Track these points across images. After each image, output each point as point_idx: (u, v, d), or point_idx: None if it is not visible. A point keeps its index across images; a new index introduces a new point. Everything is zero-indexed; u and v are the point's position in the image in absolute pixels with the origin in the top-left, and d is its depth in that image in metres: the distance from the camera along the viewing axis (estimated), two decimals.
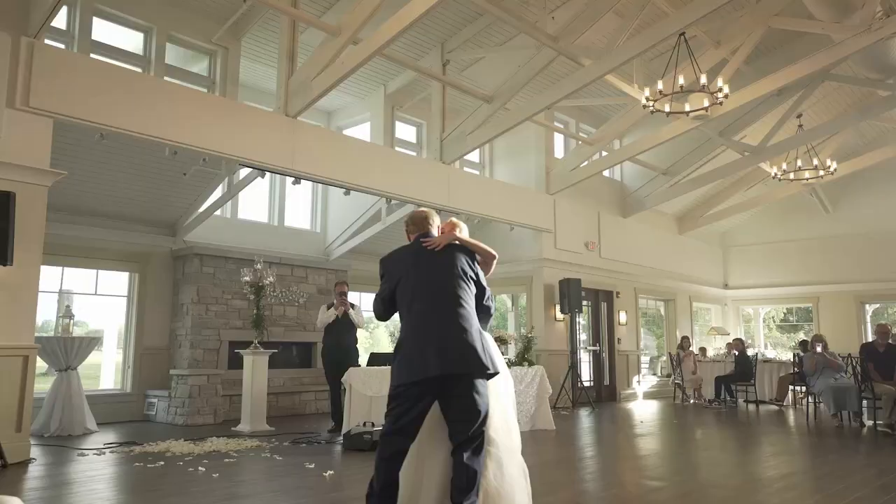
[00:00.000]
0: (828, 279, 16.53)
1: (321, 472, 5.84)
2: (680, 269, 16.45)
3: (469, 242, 3.90)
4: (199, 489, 5.22)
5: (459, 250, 3.83)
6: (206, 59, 10.08)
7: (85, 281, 9.85)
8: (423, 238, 3.89)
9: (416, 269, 3.77)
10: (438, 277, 3.71)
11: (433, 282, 3.70)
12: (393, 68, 11.33)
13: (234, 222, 11.47)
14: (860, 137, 15.66)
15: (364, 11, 7.77)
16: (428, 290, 3.69)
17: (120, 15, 9.12)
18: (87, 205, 9.39)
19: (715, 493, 5.30)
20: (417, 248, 3.85)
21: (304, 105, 8.60)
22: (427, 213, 4.05)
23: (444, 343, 3.53)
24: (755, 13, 10.51)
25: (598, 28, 9.95)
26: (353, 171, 9.40)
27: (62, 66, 6.86)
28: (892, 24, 9.34)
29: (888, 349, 9.46)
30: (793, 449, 7.84)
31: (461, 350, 3.52)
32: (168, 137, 7.56)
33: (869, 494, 5.21)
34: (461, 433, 3.49)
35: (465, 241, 3.89)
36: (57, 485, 5.45)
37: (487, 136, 10.80)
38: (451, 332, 3.56)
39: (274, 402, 10.20)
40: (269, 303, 10.52)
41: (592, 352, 13.95)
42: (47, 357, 8.30)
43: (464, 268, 3.75)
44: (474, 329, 3.59)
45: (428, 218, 4.00)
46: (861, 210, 16.44)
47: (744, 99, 10.78)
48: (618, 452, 7.60)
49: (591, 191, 13.99)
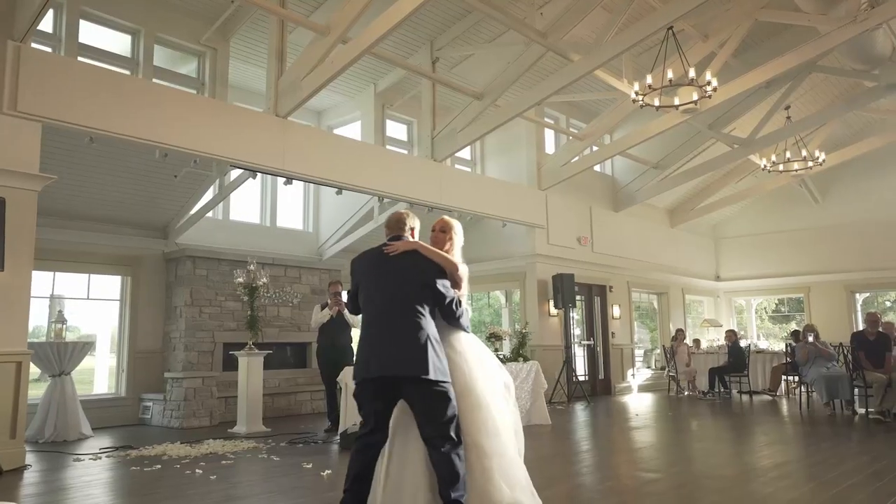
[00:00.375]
0: (818, 269, 16.63)
1: (319, 471, 5.85)
2: (672, 261, 16.52)
3: (429, 251, 3.84)
4: (197, 491, 5.23)
5: (418, 257, 3.81)
6: (194, 60, 10.04)
7: (77, 285, 9.81)
8: (391, 241, 3.92)
9: (374, 273, 3.87)
10: (391, 283, 3.78)
11: (386, 287, 3.78)
12: (382, 66, 11.32)
13: (227, 224, 11.45)
14: (847, 128, 15.75)
15: (353, 10, 7.76)
16: (381, 294, 3.79)
17: (107, 17, 9.07)
18: (78, 209, 9.35)
19: (709, 483, 5.34)
20: (379, 252, 3.91)
21: (295, 105, 8.59)
22: (402, 215, 4.05)
23: (386, 347, 3.65)
24: (742, 6, 10.56)
25: (586, 23, 9.97)
26: (344, 170, 9.39)
27: (50, 70, 6.83)
28: (877, 14, 9.39)
29: (878, 337, 9.54)
30: (786, 438, 7.91)
31: (399, 355, 3.60)
32: (158, 140, 7.54)
33: (862, 481, 5.26)
34: (426, 432, 3.59)
35: (425, 250, 3.84)
36: (53, 490, 5.44)
37: (478, 133, 10.81)
38: (395, 336, 3.65)
39: (269, 402, 10.19)
40: (263, 304, 10.52)
41: (587, 346, 13.99)
42: (40, 363, 8.26)
43: (420, 275, 3.76)
44: (421, 335, 3.61)
45: (401, 220, 4.01)
46: (850, 200, 16.54)
47: (732, 92, 10.82)
48: (613, 445, 7.65)
49: (583, 186, 14.02)
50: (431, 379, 3.54)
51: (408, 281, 3.74)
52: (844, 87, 14.13)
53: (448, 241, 4.06)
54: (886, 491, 4.89)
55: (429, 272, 3.77)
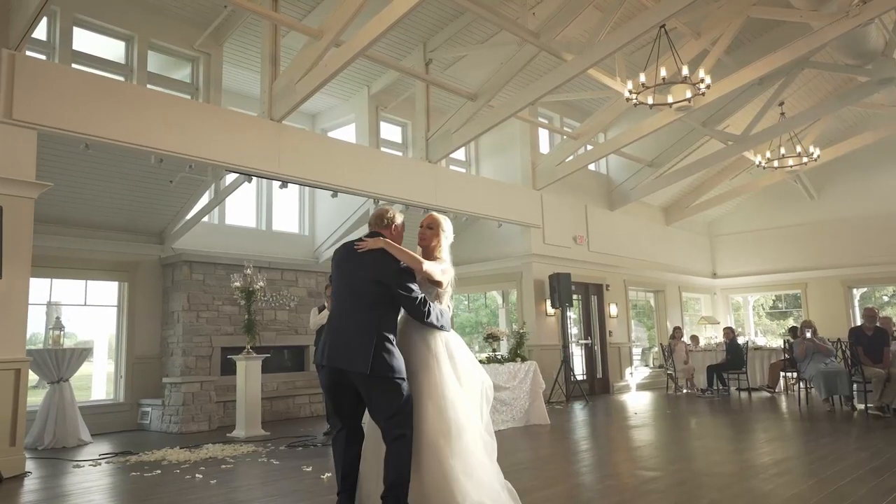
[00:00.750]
0: (815, 265, 16.68)
1: (318, 474, 5.85)
2: (668, 259, 16.56)
3: (395, 250, 3.83)
4: (197, 496, 5.23)
5: (382, 255, 3.81)
6: (188, 65, 10.05)
7: (74, 292, 9.80)
8: (367, 236, 3.97)
9: (343, 266, 3.98)
10: (353, 278, 3.88)
11: (349, 282, 3.90)
12: (376, 69, 11.34)
13: (223, 228, 11.44)
14: (841, 123, 15.82)
15: (346, 13, 7.78)
16: (344, 288, 3.93)
17: (101, 24, 9.08)
18: (74, 215, 9.35)
19: (709, 480, 5.35)
20: (350, 248, 3.97)
21: (289, 109, 8.60)
22: (384, 211, 4.08)
23: (337, 339, 3.78)
24: (734, 3, 10.59)
25: (578, 23, 9.98)
26: (339, 173, 9.40)
27: (44, 78, 6.83)
28: (869, 10, 9.43)
29: (876, 332, 9.57)
30: (785, 435, 7.93)
31: (345, 348, 3.73)
32: (153, 145, 7.54)
33: (861, 477, 5.28)
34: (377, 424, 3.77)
35: (392, 248, 3.83)
36: (54, 497, 5.44)
37: (472, 134, 10.82)
38: (347, 330, 3.77)
39: (268, 406, 10.20)
40: (260, 307, 10.53)
41: (584, 345, 14.01)
42: (38, 369, 8.25)
43: (378, 273, 3.79)
44: (370, 332, 3.69)
45: (382, 217, 4.04)
46: (845, 195, 16.59)
47: (726, 89, 10.86)
48: (612, 444, 7.66)
49: (578, 185, 14.05)
50: (371, 374, 3.63)
51: (367, 278, 3.82)
52: (838, 83, 14.18)
53: (434, 237, 4.05)
54: (886, 487, 4.91)
55: (388, 271, 3.78)
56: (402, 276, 3.79)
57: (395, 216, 4.06)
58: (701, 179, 16.43)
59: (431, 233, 4.06)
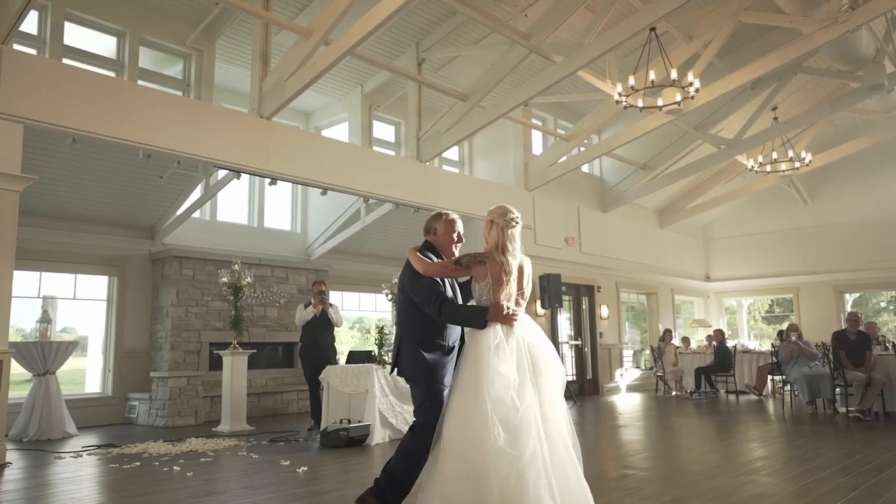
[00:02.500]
0: (807, 269, 16.71)
1: (295, 468, 5.91)
2: (661, 262, 16.57)
3: (410, 255, 3.99)
4: (173, 487, 5.29)
5: (407, 264, 4.01)
6: (180, 61, 10.11)
7: (64, 285, 9.86)
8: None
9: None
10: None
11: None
12: (369, 68, 11.39)
13: (214, 224, 11.50)
14: (835, 128, 15.85)
15: (335, 12, 7.84)
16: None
17: (92, 19, 9.14)
18: (64, 209, 9.41)
19: (679, 478, 5.39)
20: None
21: (278, 106, 8.65)
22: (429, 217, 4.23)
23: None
24: (725, 7, 10.63)
25: (569, 24, 10.04)
26: (329, 170, 9.45)
27: (32, 71, 6.89)
28: (857, 16, 9.47)
29: (859, 337, 9.61)
30: (764, 436, 7.96)
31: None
32: (141, 141, 7.59)
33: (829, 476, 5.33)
34: None
35: (409, 255, 4.00)
36: (31, 486, 5.50)
37: (464, 134, 10.86)
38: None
39: (256, 402, 10.26)
40: (250, 304, 10.59)
41: (575, 346, 14.06)
42: (25, 362, 8.32)
43: (402, 281, 4.06)
44: (399, 335, 4.10)
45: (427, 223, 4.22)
46: (838, 200, 16.61)
47: (716, 92, 10.90)
48: (592, 444, 7.69)
49: (571, 186, 14.08)
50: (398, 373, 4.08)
51: (399, 287, 4.13)
52: (831, 88, 14.21)
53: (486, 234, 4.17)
54: (851, 484, 4.96)
55: (404, 277, 4.03)
56: (412, 281, 3.95)
57: (433, 221, 4.19)
58: (695, 183, 16.45)
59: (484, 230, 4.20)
